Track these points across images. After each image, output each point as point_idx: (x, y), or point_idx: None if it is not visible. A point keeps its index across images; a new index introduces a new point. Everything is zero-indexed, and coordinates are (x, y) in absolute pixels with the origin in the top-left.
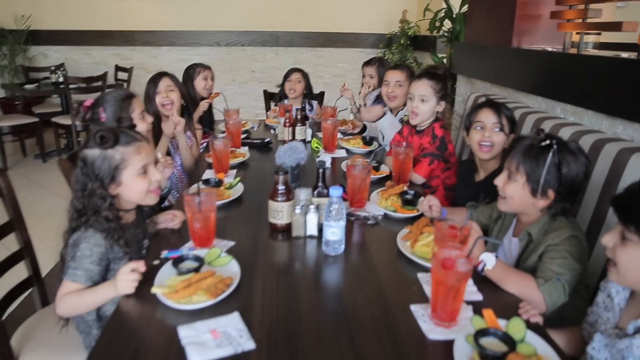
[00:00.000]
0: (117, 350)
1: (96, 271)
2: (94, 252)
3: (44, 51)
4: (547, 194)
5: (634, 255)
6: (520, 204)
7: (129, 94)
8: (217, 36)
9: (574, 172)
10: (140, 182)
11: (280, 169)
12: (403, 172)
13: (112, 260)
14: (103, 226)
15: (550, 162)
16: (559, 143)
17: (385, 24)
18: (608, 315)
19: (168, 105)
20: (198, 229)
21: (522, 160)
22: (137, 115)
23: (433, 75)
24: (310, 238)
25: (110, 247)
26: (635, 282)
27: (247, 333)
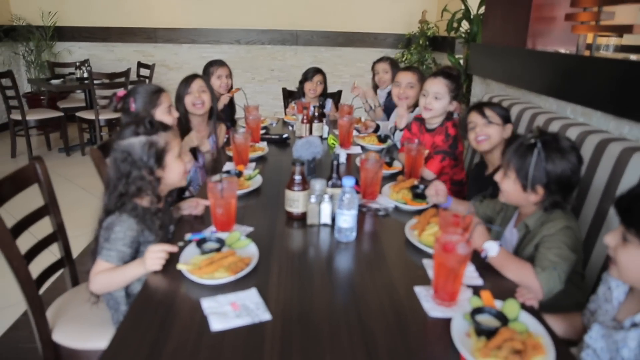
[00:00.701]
0: (146, 319)
1: (128, 253)
2: (127, 236)
3: (69, 47)
4: (536, 190)
5: (633, 256)
6: (514, 198)
7: (159, 89)
8: (237, 34)
9: (559, 169)
10: (179, 164)
11: (297, 161)
12: (414, 167)
13: (142, 243)
14: (137, 212)
15: (537, 159)
16: (546, 141)
17: (405, 24)
18: (607, 307)
19: (199, 105)
20: (220, 214)
21: (512, 158)
22: (164, 109)
23: (448, 75)
24: (324, 226)
25: (141, 231)
26: (634, 280)
27: (264, 306)
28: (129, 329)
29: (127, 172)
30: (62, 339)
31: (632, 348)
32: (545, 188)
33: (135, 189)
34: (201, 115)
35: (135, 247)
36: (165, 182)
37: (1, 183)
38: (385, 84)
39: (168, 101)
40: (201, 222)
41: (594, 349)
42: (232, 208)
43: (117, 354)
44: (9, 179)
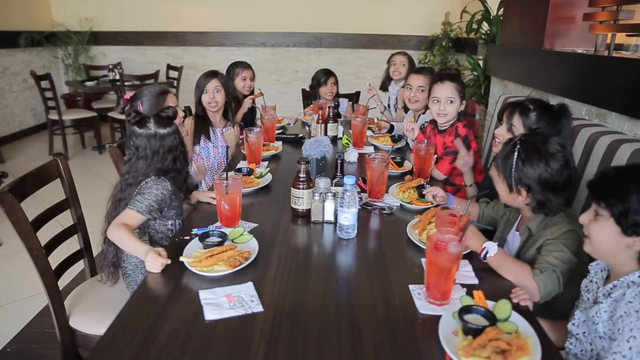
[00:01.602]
0: (145, 307)
1: (155, 208)
2: (159, 194)
3: (104, 51)
4: (520, 191)
5: (603, 228)
6: (505, 199)
7: (164, 90)
8: (263, 37)
9: (536, 172)
10: None
11: (302, 159)
12: (423, 168)
13: (168, 206)
14: (172, 175)
15: (516, 161)
16: (529, 142)
17: (428, 26)
18: (588, 296)
19: (214, 104)
20: (225, 210)
21: (498, 159)
22: None
23: (454, 77)
24: (327, 223)
25: (171, 195)
26: (604, 252)
27: (258, 299)
28: (128, 316)
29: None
30: (78, 325)
31: (604, 320)
32: (528, 190)
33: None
34: (216, 112)
35: (162, 208)
36: None
37: (25, 178)
38: (400, 76)
39: (173, 102)
40: (209, 217)
41: (576, 335)
42: (237, 205)
43: (113, 340)
44: (32, 174)
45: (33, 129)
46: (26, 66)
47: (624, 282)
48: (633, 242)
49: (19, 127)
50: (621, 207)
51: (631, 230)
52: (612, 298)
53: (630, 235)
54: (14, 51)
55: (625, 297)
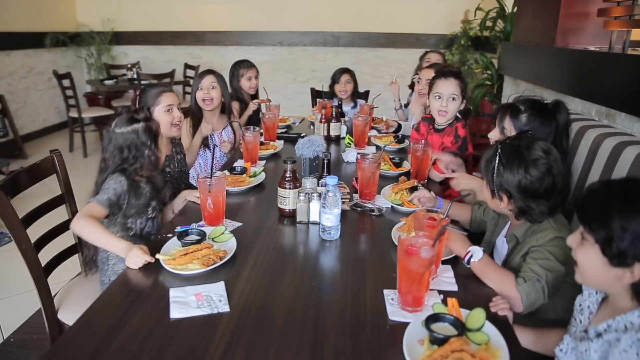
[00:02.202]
0: (115, 303)
1: (114, 201)
2: (117, 188)
3: (125, 50)
4: (501, 197)
5: (589, 256)
6: (490, 204)
7: (162, 90)
8: (280, 36)
9: (515, 178)
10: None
11: (289, 159)
12: (421, 169)
13: (126, 202)
14: (130, 175)
15: (497, 166)
16: (512, 147)
17: (447, 24)
18: (581, 318)
19: (208, 101)
20: (208, 209)
21: (481, 164)
22: (162, 108)
23: (457, 74)
24: (312, 224)
25: (127, 192)
26: (593, 282)
27: (226, 299)
28: (96, 311)
29: (134, 153)
30: (66, 318)
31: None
32: (509, 196)
33: (139, 164)
34: (211, 110)
35: (120, 205)
36: None
37: (19, 174)
38: None
39: (168, 101)
40: (196, 215)
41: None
42: (220, 204)
43: (76, 335)
44: (27, 171)
45: (56, 126)
46: (51, 65)
47: (621, 323)
48: (622, 273)
49: (42, 125)
50: (603, 234)
51: (616, 260)
52: (604, 339)
53: (617, 266)
54: (40, 51)
55: (620, 343)
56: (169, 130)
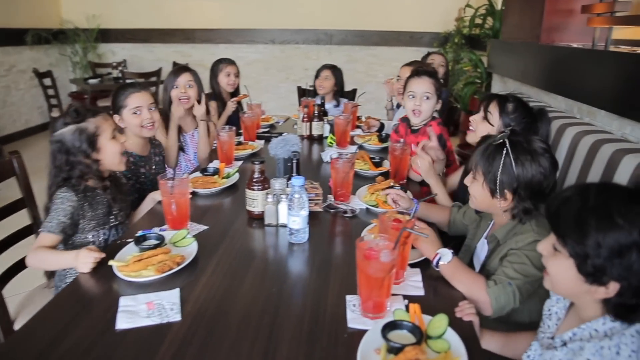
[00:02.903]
0: (58, 313)
1: (68, 224)
2: (66, 207)
3: (113, 48)
4: (505, 195)
5: (561, 268)
6: (483, 204)
7: (131, 91)
8: (272, 34)
9: (529, 173)
10: (114, 145)
11: (257, 159)
12: (399, 169)
13: (82, 217)
14: (78, 187)
15: (504, 162)
16: (515, 142)
17: (442, 22)
18: (549, 323)
19: (184, 99)
20: (171, 212)
21: (479, 159)
22: (130, 109)
23: (431, 73)
24: (282, 227)
25: (81, 206)
26: (564, 292)
27: (179, 307)
28: (38, 322)
29: (65, 160)
30: None
31: None
32: (515, 193)
33: (78, 173)
34: (186, 109)
35: (76, 221)
36: (103, 164)
37: None
38: None
39: (136, 102)
40: (160, 219)
41: None
42: (184, 206)
43: (11, 349)
44: None
45: (40, 127)
46: (33, 64)
47: (586, 331)
48: (595, 289)
49: (25, 125)
50: (578, 250)
51: (592, 278)
52: (568, 348)
53: (591, 284)
54: (21, 49)
55: (583, 352)
56: (139, 132)
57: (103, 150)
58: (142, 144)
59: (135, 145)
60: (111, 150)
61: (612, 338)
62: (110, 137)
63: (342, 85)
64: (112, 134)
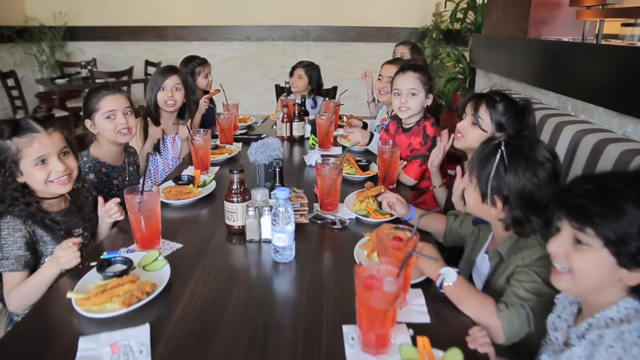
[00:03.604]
0: (13, 353)
1: (27, 256)
2: (17, 238)
3: (82, 47)
4: (495, 202)
5: (593, 260)
6: (475, 210)
7: (103, 94)
8: (248, 31)
9: (520, 182)
10: (38, 172)
11: (236, 167)
12: (389, 172)
13: (38, 243)
14: (21, 212)
15: (497, 166)
16: (514, 145)
17: (418, 18)
18: (557, 335)
19: (170, 103)
20: (140, 230)
21: (474, 162)
22: (102, 114)
23: (417, 68)
24: (265, 242)
25: (32, 231)
26: (593, 286)
27: (149, 349)
28: None
29: None
30: None
31: None
32: (505, 201)
33: (8, 199)
34: (171, 112)
35: (33, 248)
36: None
37: None
38: None
39: (110, 106)
40: (127, 237)
41: None
42: (154, 224)
43: None
44: None
45: None
46: None
47: (601, 320)
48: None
49: None
50: (617, 234)
51: (631, 262)
52: (587, 340)
53: (632, 268)
54: None
55: (604, 340)
56: (113, 138)
57: (27, 175)
58: (116, 152)
59: (107, 153)
60: (34, 177)
61: (631, 322)
62: (34, 163)
63: (318, 84)
64: (40, 158)
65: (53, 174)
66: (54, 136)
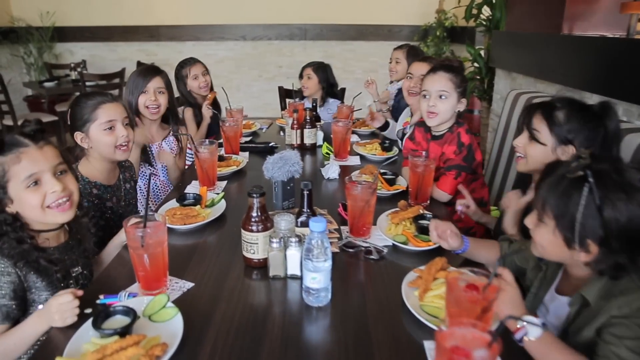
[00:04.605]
0: None
1: (12, 306)
2: (2, 284)
3: (71, 48)
4: (587, 246)
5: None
6: (554, 255)
7: (100, 101)
8: (243, 30)
9: (624, 216)
10: (32, 196)
11: (255, 190)
12: (422, 187)
13: (29, 290)
14: (12, 250)
15: (587, 203)
16: (602, 172)
17: (421, 15)
18: None
19: (154, 109)
20: (143, 268)
21: (548, 197)
22: (100, 125)
23: (450, 68)
24: (291, 279)
25: (24, 275)
26: None
27: None
28: None
29: None
30: None
31: None
32: (602, 245)
33: None
34: (155, 119)
35: (22, 297)
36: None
37: None
38: (396, 76)
39: (109, 116)
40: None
41: None
42: (160, 260)
43: None
44: None
45: None
46: None
47: None
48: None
49: None
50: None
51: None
52: None
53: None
54: None
55: None
56: (111, 154)
57: (17, 203)
58: (109, 169)
59: (99, 171)
60: (28, 204)
61: None
62: (26, 185)
63: (330, 83)
64: (30, 178)
65: (49, 196)
66: (47, 150)
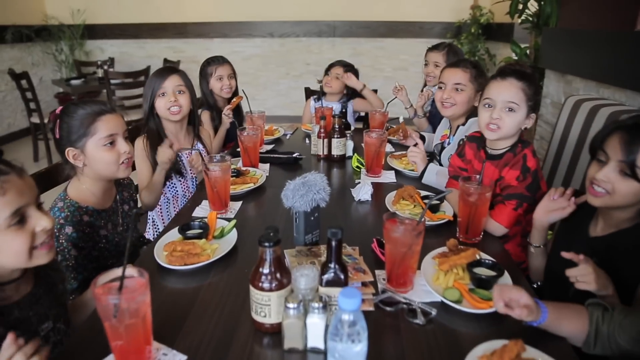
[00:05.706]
0: None
1: None
2: None
3: (101, 45)
4: None
5: None
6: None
7: (98, 112)
8: (270, 27)
9: None
10: (13, 237)
11: (268, 235)
12: (475, 220)
13: None
14: None
15: None
16: None
17: (454, 11)
18: None
19: (175, 110)
20: (118, 339)
21: None
22: (99, 140)
23: (523, 75)
24: (313, 353)
25: None
26: None
27: None
28: None
29: None
30: None
31: None
32: None
33: None
34: (178, 121)
35: None
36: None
37: None
38: (435, 81)
39: (109, 130)
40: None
41: None
42: (140, 330)
43: None
44: None
45: (24, 130)
46: (16, 63)
47: None
48: None
49: (7, 130)
50: None
51: None
52: None
53: None
54: (1, 47)
55: None
56: (112, 172)
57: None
58: (104, 190)
59: (92, 194)
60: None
61: None
62: (6, 225)
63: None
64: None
65: (39, 235)
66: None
